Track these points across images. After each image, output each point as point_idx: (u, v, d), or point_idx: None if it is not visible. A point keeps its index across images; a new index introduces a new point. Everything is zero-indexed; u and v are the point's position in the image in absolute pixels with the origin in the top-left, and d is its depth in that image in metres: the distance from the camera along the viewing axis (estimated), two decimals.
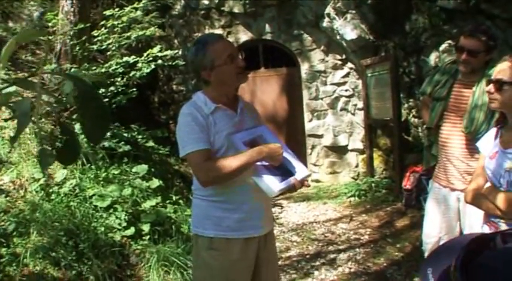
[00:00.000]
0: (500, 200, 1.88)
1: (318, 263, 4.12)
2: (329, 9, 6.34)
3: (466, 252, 0.81)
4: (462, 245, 0.83)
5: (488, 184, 2.00)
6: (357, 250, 4.34)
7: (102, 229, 3.75)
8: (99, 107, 0.98)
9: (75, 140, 1.09)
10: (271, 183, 1.98)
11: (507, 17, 4.24)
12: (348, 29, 6.14)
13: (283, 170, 2.04)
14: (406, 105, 5.91)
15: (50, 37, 5.54)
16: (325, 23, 6.51)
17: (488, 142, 2.07)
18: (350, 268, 3.96)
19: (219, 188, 2.05)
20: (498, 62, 2.03)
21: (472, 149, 2.59)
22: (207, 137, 2.00)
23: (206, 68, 2.05)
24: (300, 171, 2.09)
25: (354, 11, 6.07)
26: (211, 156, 2.01)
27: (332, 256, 4.26)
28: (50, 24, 5.63)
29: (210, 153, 2.01)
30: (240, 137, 2.03)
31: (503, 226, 1.92)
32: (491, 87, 1.96)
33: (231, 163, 1.96)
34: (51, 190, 3.96)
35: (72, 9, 5.45)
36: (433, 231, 2.82)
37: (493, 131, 2.11)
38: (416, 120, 5.75)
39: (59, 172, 4.13)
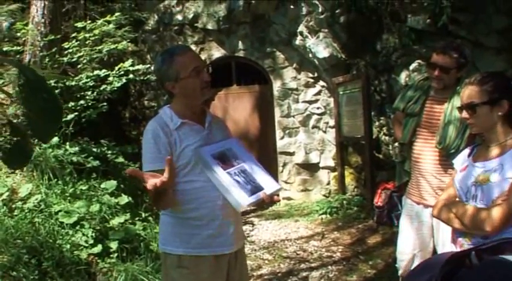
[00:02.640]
0: (463, 214, 1.87)
1: None
2: (302, 28, 6.42)
3: (444, 273, 0.79)
4: (438, 265, 0.82)
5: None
6: (329, 267, 4.31)
7: (68, 246, 3.62)
8: (49, 99, 0.89)
9: (27, 141, 1.00)
10: (240, 197, 1.93)
11: (472, 38, 4.39)
12: (320, 48, 6.22)
13: (253, 185, 2.00)
14: (377, 123, 5.99)
15: (19, 48, 5.41)
16: (298, 41, 6.58)
17: (463, 159, 2.09)
18: None
19: (189, 205, 2.00)
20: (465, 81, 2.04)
21: (444, 164, 2.62)
22: (166, 155, 1.91)
23: (171, 80, 2.01)
24: (270, 186, 2.05)
25: (326, 30, 6.16)
26: None
27: (304, 274, 4.21)
28: (19, 34, 5.50)
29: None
30: (209, 150, 2.00)
31: (466, 246, 1.83)
32: (465, 113, 1.96)
33: None
34: (14, 206, 3.81)
35: (42, 20, 5.36)
36: (407, 248, 2.81)
37: (468, 148, 2.11)
38: (387, 138, 5.83)
39: (24, 187, 3.98)
